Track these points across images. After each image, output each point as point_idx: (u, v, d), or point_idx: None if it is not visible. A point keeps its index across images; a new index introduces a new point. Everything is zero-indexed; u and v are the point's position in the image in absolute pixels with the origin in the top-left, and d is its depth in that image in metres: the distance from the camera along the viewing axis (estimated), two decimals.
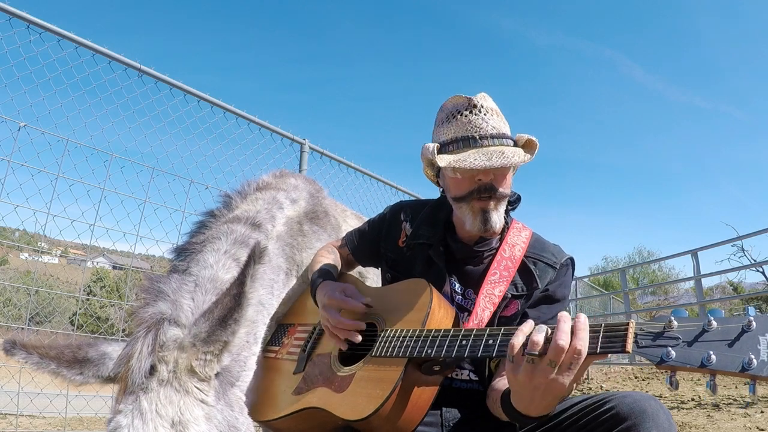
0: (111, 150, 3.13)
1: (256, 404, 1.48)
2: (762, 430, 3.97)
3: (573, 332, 0.89)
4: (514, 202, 1.47)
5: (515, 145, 1.33)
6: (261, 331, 1.51)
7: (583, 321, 0.90)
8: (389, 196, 5.23)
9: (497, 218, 1.31)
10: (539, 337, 0.91)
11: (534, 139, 1.32)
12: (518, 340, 0.93)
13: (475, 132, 1.29)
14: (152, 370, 1.17)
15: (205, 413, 1.15)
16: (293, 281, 1.75)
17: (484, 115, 1.31)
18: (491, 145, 1.28)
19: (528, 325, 0.96)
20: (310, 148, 4.33)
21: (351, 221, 2.10)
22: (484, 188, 1.29)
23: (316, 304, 1.43)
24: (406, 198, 4.65)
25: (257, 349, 1.50)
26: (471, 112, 1.31)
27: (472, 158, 1.25)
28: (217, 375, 1.21)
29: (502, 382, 1.19)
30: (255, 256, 1.12)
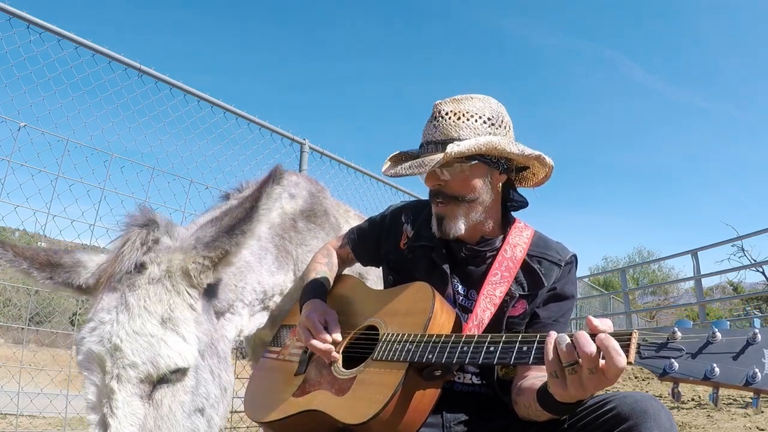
0: (111, 150, 3.12)
1: (256, 405, 1.48)
2: (762, 430, 3.97)
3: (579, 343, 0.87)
4: (518, 203, 1.44)
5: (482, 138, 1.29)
6: (248, 294, 1.49)
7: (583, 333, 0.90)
8: (389, 196, 5.24)
9: (452, 225, 1.32)
10: (565, 346, 0.88)
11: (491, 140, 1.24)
12: (551, 356, 0.90)
13: (424, 139, 1.34)
14: (142, 267, 1.12)
15: (194, 318, 1.12)
16: (290, 275, 1.75)
17: (438, 120, 1.30)
18: (426, 153, 1.30)
19: (551, 337, 0.92)
20: (310, 148, 4.32)
21: (354, 222, 2.09)
22: (432, 193, 1.36)
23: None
24: (406, 198, 4.65)
25: (244, 311, 1.46)
26: (433, 118, 1.32)
27: (399, 167, 1.32)
28: (206, 291, 1.18)
29: (525, 383, 1.17)
30: (275, 175, 1.09)
